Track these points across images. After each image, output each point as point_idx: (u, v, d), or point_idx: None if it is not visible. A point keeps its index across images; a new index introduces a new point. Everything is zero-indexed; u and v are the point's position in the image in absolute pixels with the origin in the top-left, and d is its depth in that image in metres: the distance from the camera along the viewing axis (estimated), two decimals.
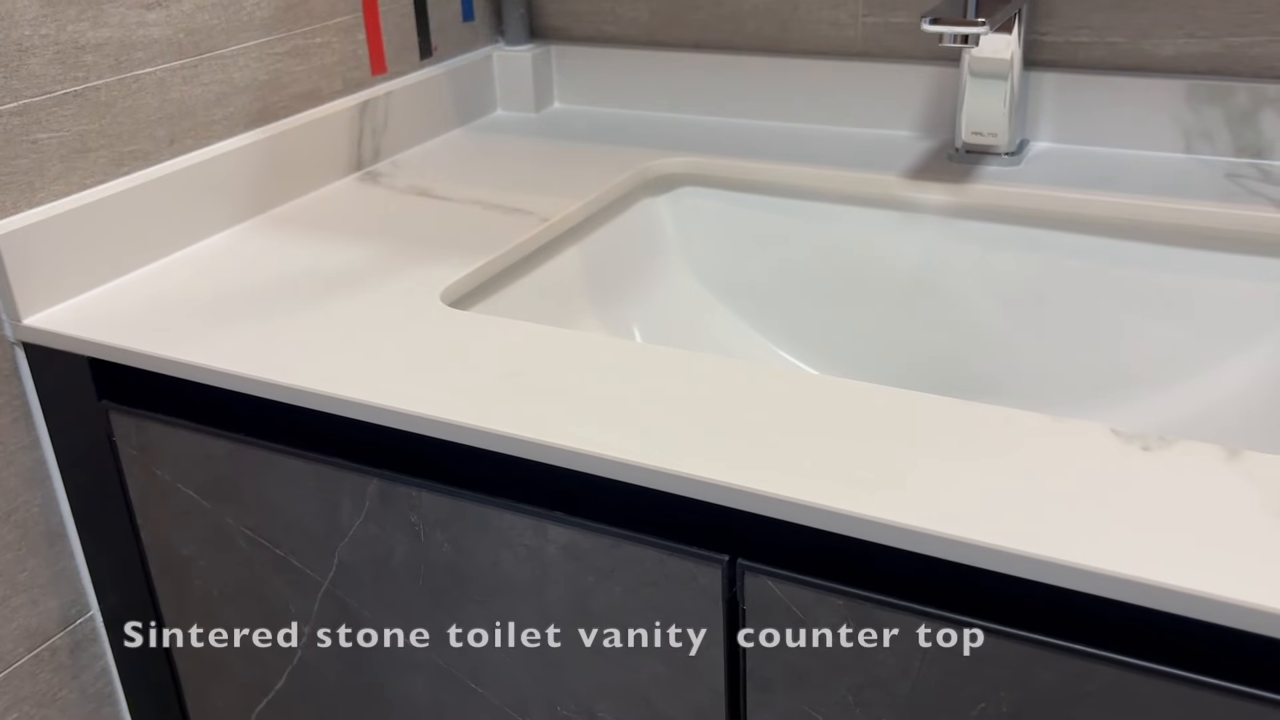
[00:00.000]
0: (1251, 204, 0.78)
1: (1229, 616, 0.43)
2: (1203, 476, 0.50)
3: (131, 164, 0.77)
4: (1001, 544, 0.46)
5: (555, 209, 0.84)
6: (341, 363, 0.63)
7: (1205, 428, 0.76)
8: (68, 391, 0.72)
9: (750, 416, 0.56)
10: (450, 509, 0.60)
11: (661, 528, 0.56)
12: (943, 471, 0.51)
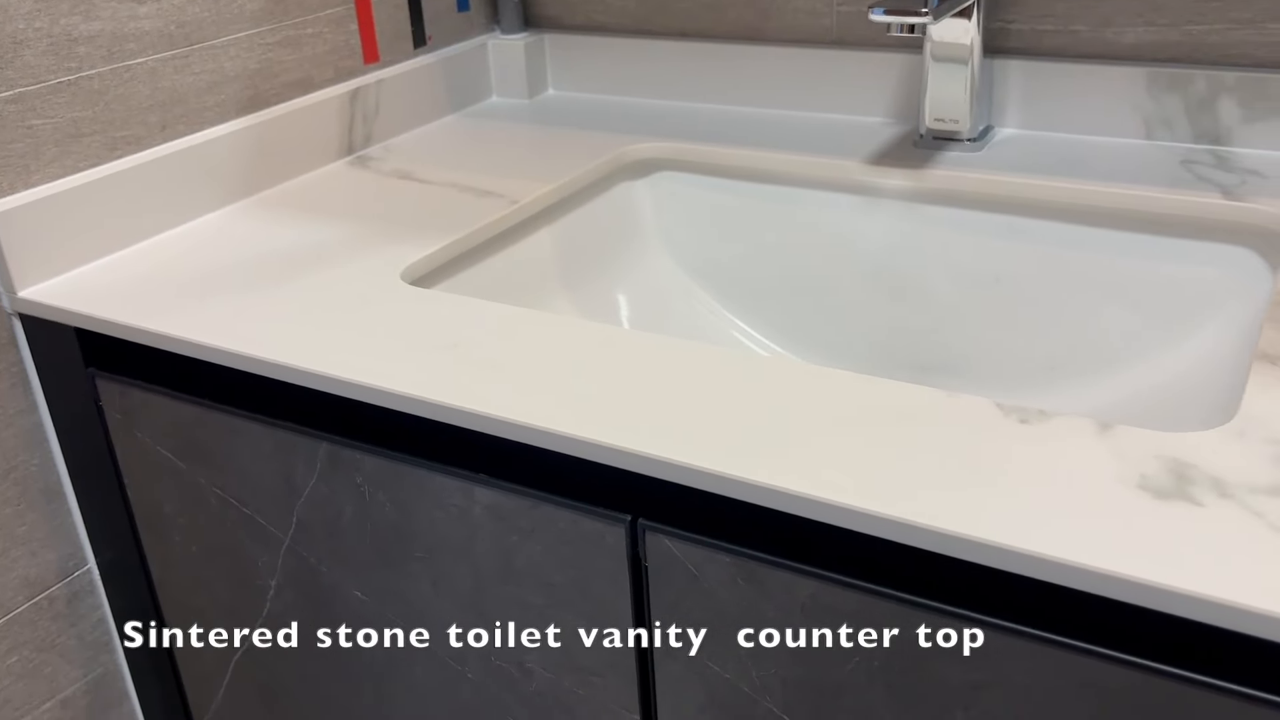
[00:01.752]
0: (1198, 190, 0.80)
1: (1071, 578, 0.46)
2: (1070, 449, 0.52)
3: (124, 148, 0.82)
4: (869, 508, 0.50)
5: (527, 192, 0.88)
6: (299, 335, 0.67)
7: (1147, 407, 0.78)
8: (59, 359, 0.77)
9: (665, 388, 0.59)
10: (390, 471, 0.65)
11: (576, 490, 0.60)
12: (830, 442, 0.54)
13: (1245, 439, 0.52)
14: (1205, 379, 0.76)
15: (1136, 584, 0.44)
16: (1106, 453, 0.52)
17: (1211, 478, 0.50)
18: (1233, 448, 0.52)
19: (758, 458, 0.53)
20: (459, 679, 0.69)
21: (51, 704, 0.85)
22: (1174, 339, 0.80)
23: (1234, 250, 0.79)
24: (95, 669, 0.88)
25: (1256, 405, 0.55)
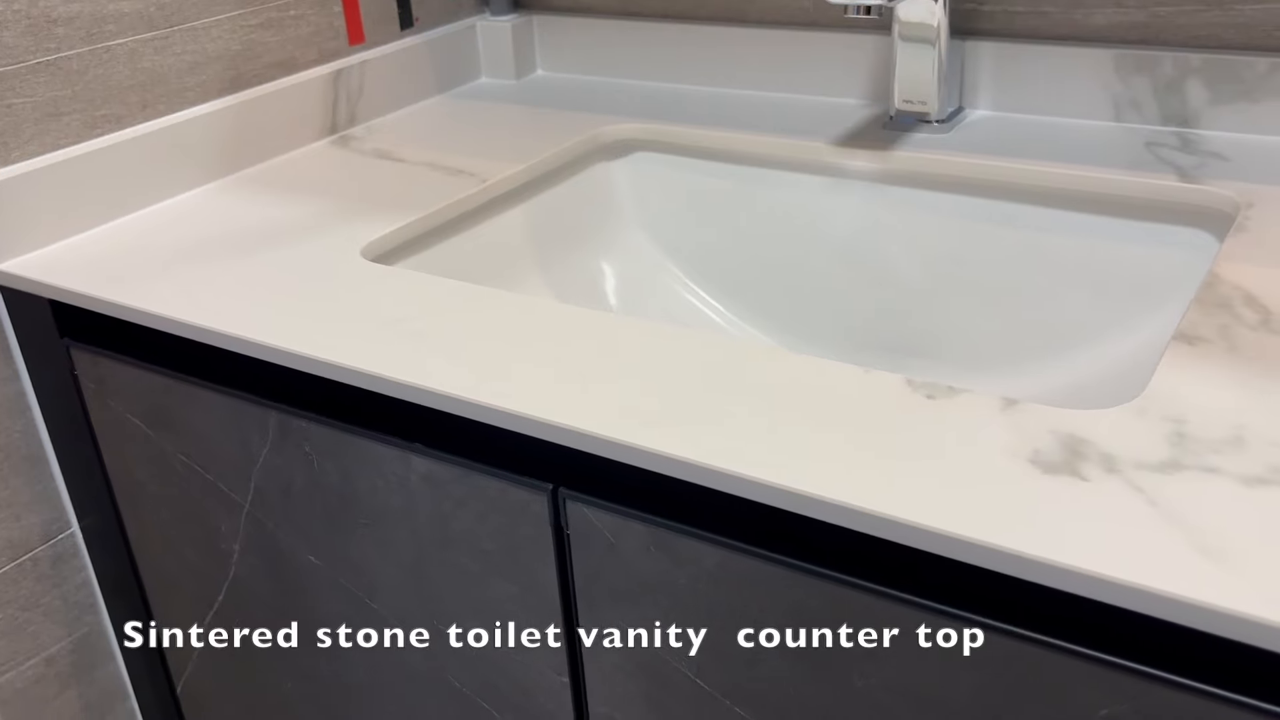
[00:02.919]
0: (1156, 172, 0.80)
1: (942, 545, 0.47)
2: (971, 425, 0.53)
3: (104, 126, 0.85)
4: (763, 478, 0.51)
5: (497, 170, 0.90)
6: (253, 308, 0.70)
7: (1094, 386, 0.79)
8: (37, 331, 0.80)
9: (594, 362, 0.61)
10: (335, 441, 0.67)
11: (505, 460, 0.62)
12: (741, 415, 0.55)
13: (1145, 417, 0.53)
14: (1149, 360, 0.77)
15: (1001, 552, 0.45)
16: (1005, 429, 0.53)
17: (1103, 454, 0.50)
18: (1131, 425, 0.52)
19: (670, 430, 0.55)
20: (404, 644, 0.72)
21: (36, 661, 0.89)
22: (1129, 320, 0.81)
23: (1188, 232, 0.79)
24: (80, 629, 0.92)
25: (1163, 384, 0.55)
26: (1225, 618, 0.42)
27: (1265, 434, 0.51)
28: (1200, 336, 0.60)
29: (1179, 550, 0.44)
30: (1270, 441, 0.50)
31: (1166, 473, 0.49)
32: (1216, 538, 0.45)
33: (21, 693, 0.89)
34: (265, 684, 0.84)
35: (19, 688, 0.88)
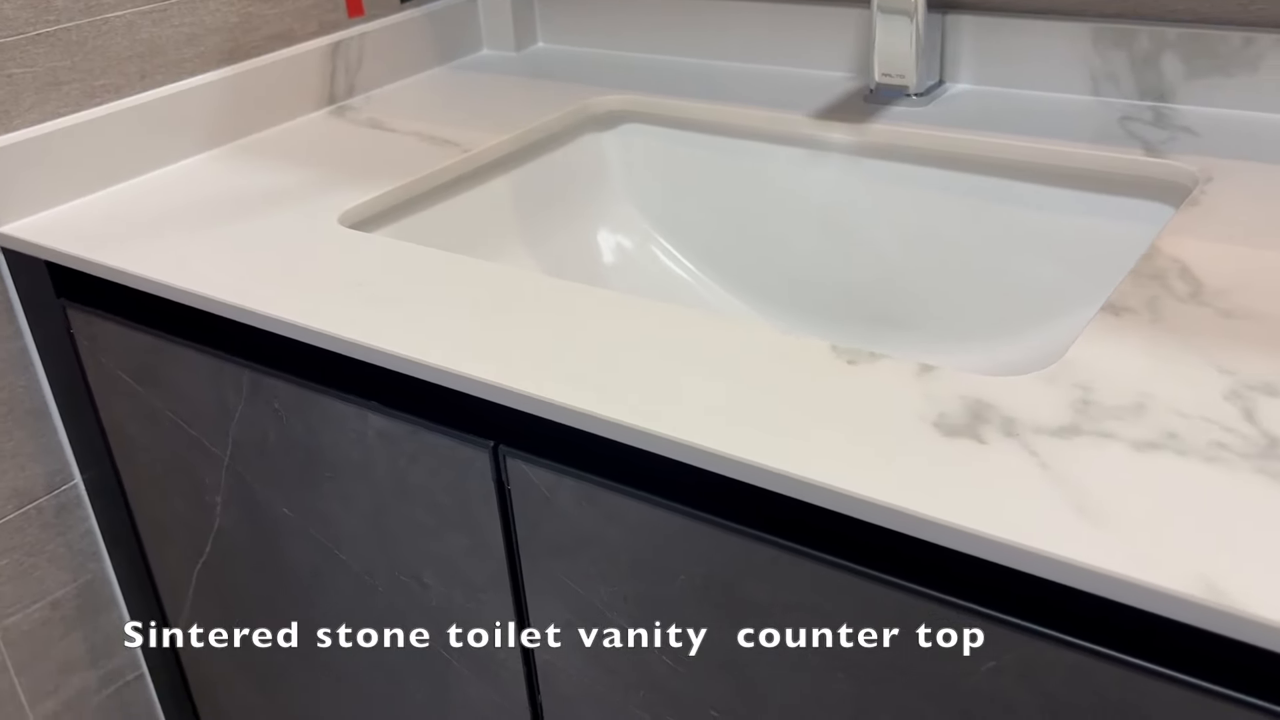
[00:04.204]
0: (1125, 146, 0.80)
1: (837, 502, 0.49)
2: (884, 389, 0.55)
3: (103, 96, 0.89)
4: (678, 436, 0.53)
5: (482, 141, 0.92)
6: (232, 271, 0.73)
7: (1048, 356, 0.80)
8: (37, 291, 0.85)
9: (540, 327, 0.63)
10: (300, 398, 0.71)
11: (452, 418, 0.64)
12: (668, 378, 0.57)
13: (1055, 384, 0.54)
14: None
15: (886, 507, 0.47)
16: (917, 393, 0.55)
17: (1005, 418, 0.52)
18: (1038, 391, 0.54)
19: (597, 390, 0.57)
20: (371, 592, 0.75)
21: (41, 605, 0.94)
22: (1093, 293, 0.82)
23: (1151, 206, 0.79)
24: (84, 575, 0.96)
25: (1081, 353, 0.57)
26: (1090, 573, 0.43)
27: (1166, 402, 0.52)
28: (1127, 307, 0.61)
29: (1058, 510, 0.46)
30: (1169, 409, 0.52)
31: (1063, 437, 0.51)
32: (1097, 499, 0.46)
33: (28, 634, 0.94)
34: (250, 636, 0.88)
35: (25, 629, 0.93)
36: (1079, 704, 0.47)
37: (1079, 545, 0.44)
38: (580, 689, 0.67)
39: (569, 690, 0.67)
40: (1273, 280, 0.62)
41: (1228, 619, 0.41)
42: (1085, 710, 0.47)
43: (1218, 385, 0.53)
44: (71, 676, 0.97)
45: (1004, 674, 0.49)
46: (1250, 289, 0.61)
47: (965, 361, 0.85)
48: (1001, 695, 0.49)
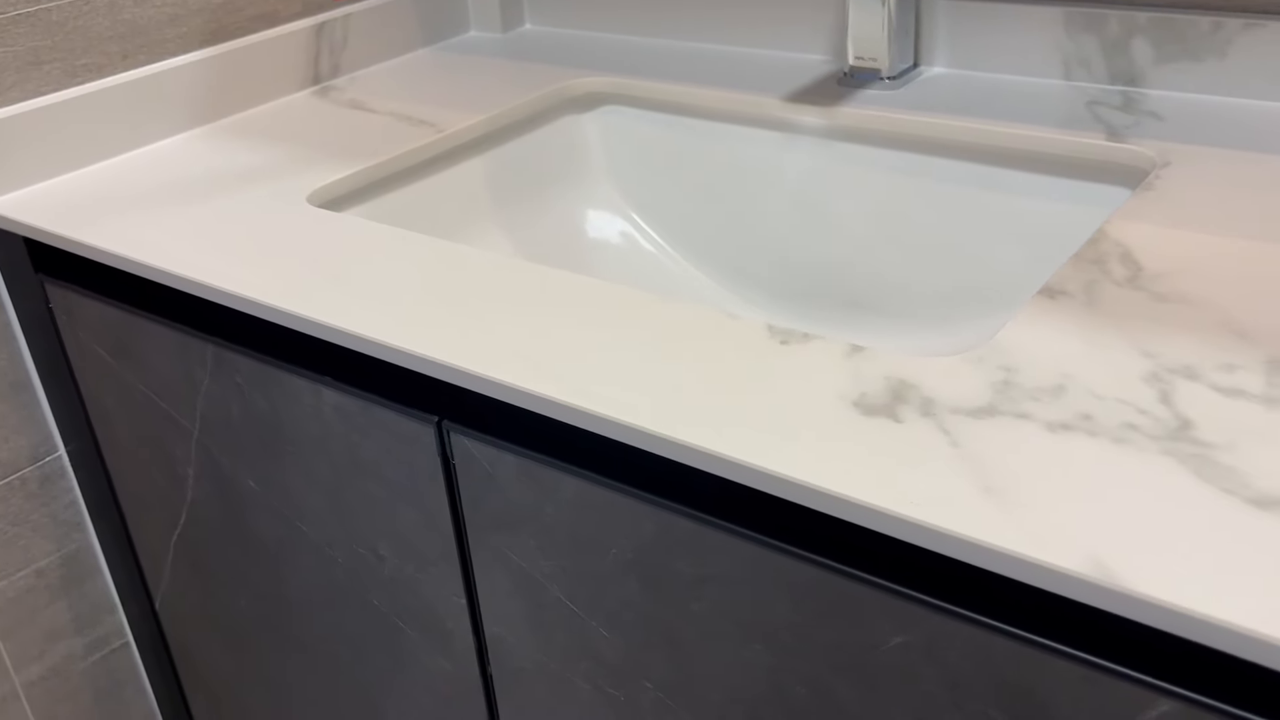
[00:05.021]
0: (1089, 131, 0.81)
1: (749, 477, 0.50)
2: (813, 368, 0.56)
3: (85, 75, 0.90)
4: (612, 415, 0.54)
5: (456, 121, 0.94)
6: (198, 248, 0.75)
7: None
8: (16, 265, 0.87)
9: (488, 304, 0.64)
10: (259, 372, 0.72)
11: (401, 394, 0.66)
12: (607, 357, 0.58)
13: (980, 365, 0.55)
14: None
15: (797, 484, 0.48)
16: (843, 373, 0.55)
17: (925, 398, 0.53)
18: (962, 372, 0.55)
19: (534, 367, 0.58)
20: (331, 563, 0.77)
21: (27, 573, 0.96)
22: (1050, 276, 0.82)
23: (1110, 190, 0.80)
24: (69, 545, 0.99)
25: (1010, 335, 0.57)
26: (984, 550, 0.44)
27: (1087, 384, 0.53)
28: (1064, 291, 0.61)
29: (963, 489, 0.47)
30: (1088, 391, 0.52)
31: (978, 417, 0.51)
32: (1002, 479, 0.47)
33: (13, 601, 0.96)
34: (224, 603, 0.90)
35: (10, 596, 0.96)
36: (980, 679, 0.48)
37: (976, 522, 0.45)
38: (527, 660, 0.68)
39: (516, 662, 0.69)
40: (1211, 265, 0.62)
41: (1114, 596, 0.42)
42: (986, 685, 0.48)
43: (1139, 368, 0.54)
44: (57, 643, 1.00)
45: (911, 649, 0.50)
46: (1188, 273, 0.62)
47: (925, 343, 0.86)
48: (908, 669, 0.50)
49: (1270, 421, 0.49)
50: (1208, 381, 0.52)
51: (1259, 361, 0.53)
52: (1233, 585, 0.41)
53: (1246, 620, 0.39)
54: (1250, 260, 0.62)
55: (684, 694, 0.60)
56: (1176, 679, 0.43)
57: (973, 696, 0.49)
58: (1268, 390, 0.51)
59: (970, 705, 0.49)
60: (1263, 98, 0.82)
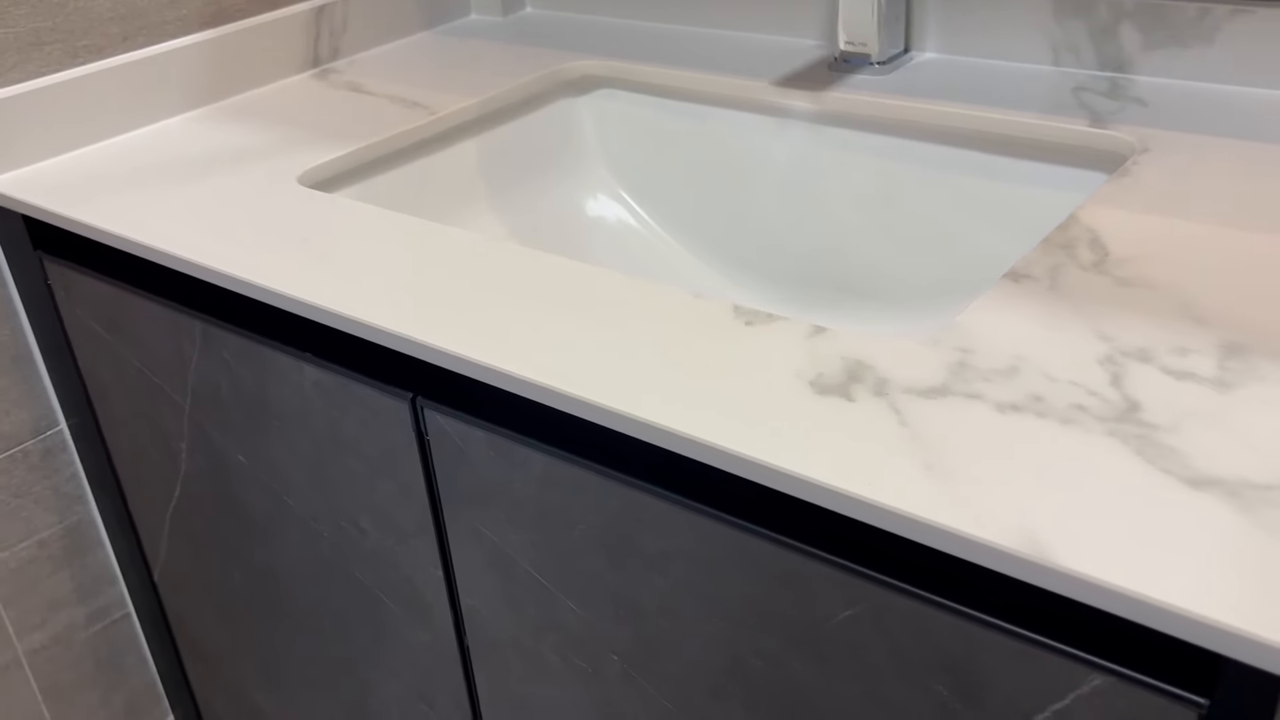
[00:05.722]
0: (1073, 117, 0.81)
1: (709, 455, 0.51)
2: (774, 348, 0.57)
3: (85, 56, 0.92)
4: (575, 392, 0.56)
5: (450, 104, 0.95)
6: (188, 227, 0.76)
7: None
8: (16, 242, 0.89)
9: (465, 283, 0.66)
10: (245, 348, 0.74)
11: (378, 371, 0.67)
12: (575, 337, 0.60)
13: (937, 347, 0.56)
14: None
15: (746, 459, 0.49)
16: (803, 353, 0.56)
17: (880, 379, 0.54)
18: (919, 354, 0.55)
19: (504, 346, 0.59)
20: (317, 537, 0.78)
21: (29, 543, 0.99)
22: None
23: (1090, 175, 0.80)
24: (70, 517, 1.01)
25: (972, 318, 0.58)
26: (919, 524, 0.45)
27: (1040, 366, 0.54)
28: (1029, 275, 0.62)
29: (905, 466, 0.48)
30: (1041, 373, 0.53)
31: (930, 397, 0.52)
32: (945, 457, 0.48)
33: (16, 571, 0.98)
34: (218, 575, 0.92)
35: (13, 567, 0.98)
36: (922, 652, 0.49)
37: (914, 498, 0.46)
38: (501, 633, 0.69)
39: (491, 634, 0.70)
40: (1177, 250, 0.63)
41: (1044, 572, 0.43)
42: (928, 658, 0.49)
43: (1094, 351, 0.54)
44: (59, 612, 1.02)
45: (859, 622, 0.51)
46: (1153, 259, 0.62)
47: (909, 326, 0.86)
48: (856, 642, 0.51)
49: (1217, 404, 0.50)
50: (1160, 365, 0.53)
51: (1213, 345, 0.54)
52: (1162, 563, 0.42)
53: (1170, 597, 0.40)
54: (1216, 246, 0.63)
55: (648, 666, 0.62)
56: (1109, 655, 0.44)
57: (917, 669, 0.50)
58: (1218, 374, 0.52)
59: (915, 677, 0.50)
60: (1248, 84, 0.82)
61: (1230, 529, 0.43)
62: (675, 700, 0.61)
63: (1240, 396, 0.50)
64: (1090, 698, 0.45)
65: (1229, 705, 0.41)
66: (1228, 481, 0.45)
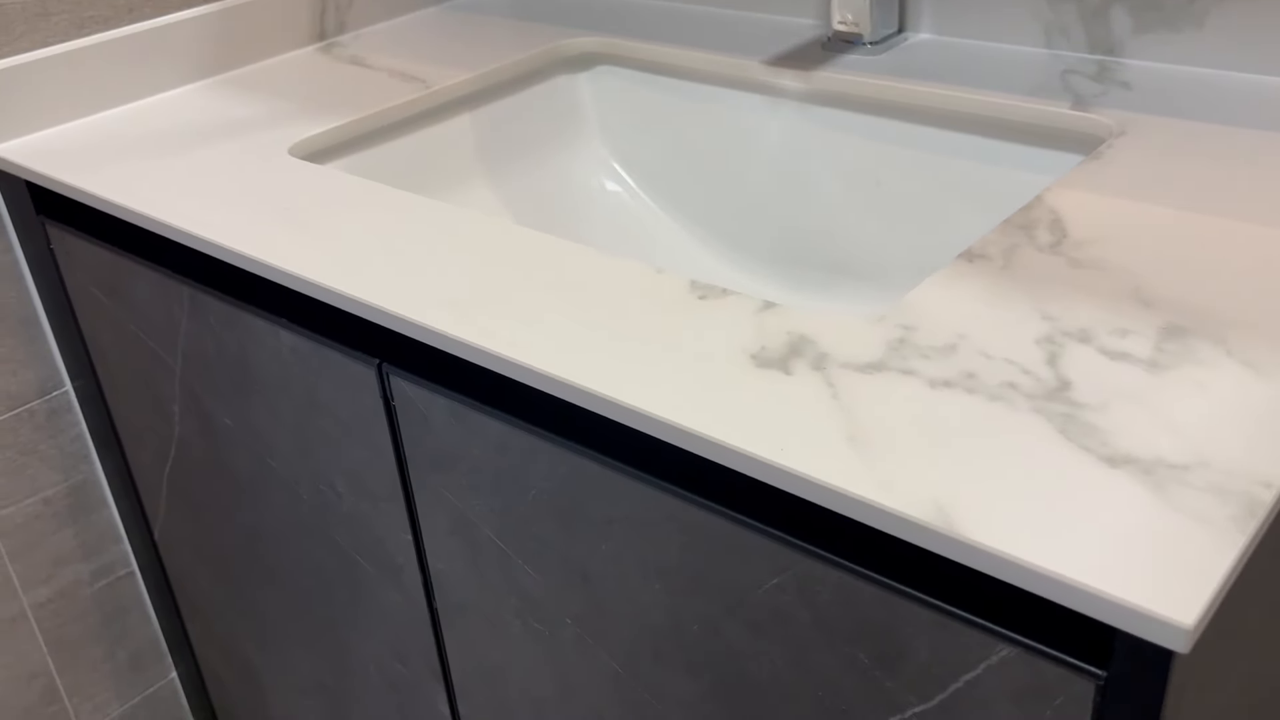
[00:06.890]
0: (1056, 100, 0.81)
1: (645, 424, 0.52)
2: (723, 323, 0.58)
3: (92, 27, 0.94)
4: (523, 361, 0.57)
5: (446, 78, 0.96)
6: (179, 194, 0.78)
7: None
8: (21, 208, 0.91)
9: (436, 254, 0.67)
10: (228, 314, 0.76)
11: (346, 337, 0.69)
12: (537, 308, 0.61)
13: (881, 323, 0.57)
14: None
15: (679, 428, 0.51)
16: (750, 327, 0.57)
17: (820, 353, 0.55)
18: (862, 330, 0.56)
19: (461, 314, 0.61)
20: (297, 500, 0.81)
21: (34, 500, 1.02)
22: None
23: (1069, 158, 0.80)
24: (75, 476, 1.04)
25: (919, 296, 0.59)
26: (835, 494, 0.46)
27: (978, 344, 0.54)
28: (984, 255, 0.62)
29: (829, 437, 0.49)
30: (978, 351, 0.54)
31: (866, 372, 0.53)
32: (871, 430, 0.49)
33: (21, 527, 1.02)
34: (210, 535, 0.94)
35: (19, 522, 1.01)
36: (846, 621, 0.50)
37: (832, 468, 0.47)
38: (466, 596, 0.71)
39: (458, 597, 0.72)
40: (1135, 234, 0.63)
41: (950, 543, 0.44)
42: (851, 627, 0.50)
43: (1035, 331, 0.55)
44: (64, 569, 1.06)
45: (785, 591, 0.52)
46: (1110, 241, 0.62)
47: (883, 306, 0.87)
48: (783, 611, 0.52)
49: (1148, 384, 0.50)
50: (1098, 345, 0.54)
51: (1153, 328, 0.54)
52: (1068, 538, 0.42)
53: (1068, 570, 0.41)
54: (1174, 231, 0.63)
55: (599, 631, 0.63)
56: (1019, 628, 0.45)
57: (841, 638, 0.51)
58: (1153, 355, 0.52)
59: (839, 646, 0.51)
60: (1237, 69, 0.82)
61: (1140, 506, 0.44)
62: (625, 665, 0.63)
63: (1171, 378, 0.51)
64: (999, 667, 0.46)
65: (1124, 677, 0.42)
66: (1143, 460, 0.46)
